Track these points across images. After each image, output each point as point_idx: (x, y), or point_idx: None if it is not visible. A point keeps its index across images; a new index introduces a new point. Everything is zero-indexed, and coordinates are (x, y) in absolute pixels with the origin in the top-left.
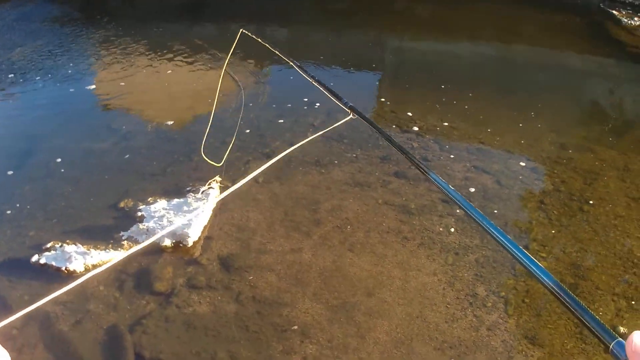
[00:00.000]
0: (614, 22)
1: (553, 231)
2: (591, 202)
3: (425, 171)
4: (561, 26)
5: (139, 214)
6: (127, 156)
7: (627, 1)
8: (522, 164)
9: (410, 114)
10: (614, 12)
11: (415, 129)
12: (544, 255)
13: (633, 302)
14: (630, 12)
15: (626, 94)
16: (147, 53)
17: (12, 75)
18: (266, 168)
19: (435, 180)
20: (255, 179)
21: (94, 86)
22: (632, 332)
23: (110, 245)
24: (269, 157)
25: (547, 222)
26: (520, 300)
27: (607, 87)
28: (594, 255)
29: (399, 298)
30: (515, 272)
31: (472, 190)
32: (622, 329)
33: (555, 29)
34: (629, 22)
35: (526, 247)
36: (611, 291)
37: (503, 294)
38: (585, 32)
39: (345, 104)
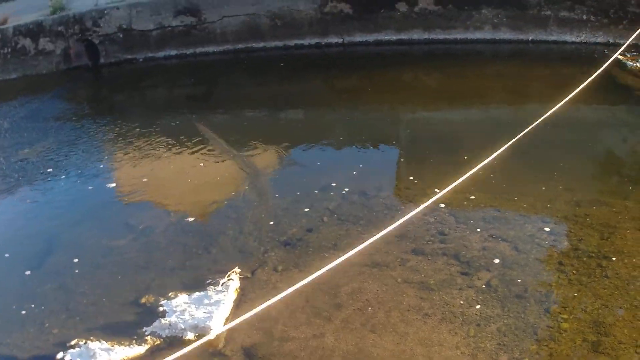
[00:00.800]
0: (620, 67)
1: (573, 291)
2: (609, 257)
3: None
4: (568, 79)
5: (161, 309)
6: (146, 252)
7: (631, 43)
8: (538, 227)
9: (425, 187)
10: (619, 56)
11: (431, 202)
12: (565, 317)
13: None
14: (635, 54)
15: (637, 139)
16: (162, 146)
17: (25, 174)
18: (285, 255)
19: None
20: (274, 266)
21: (112, 183)
22: None
23: (133, 341)
24: (287, 245)
25: (567, 283)
26: None
27: (620, 135)
28: (616, 310)
29: None
30: (538, 336)
31: (493, 260)
32: None
33: (562, 83)
34: (635, 64)
35: (547, 311)
36: (634, 344)
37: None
38: (593, 82)
39: None
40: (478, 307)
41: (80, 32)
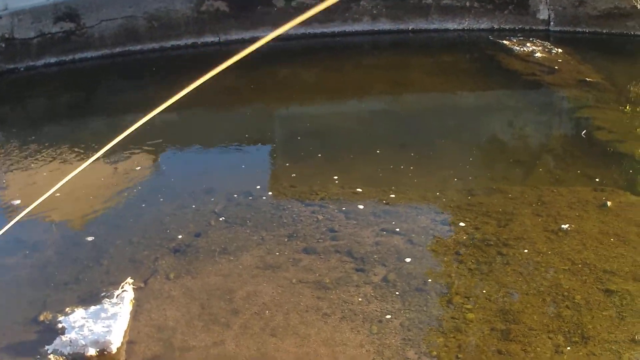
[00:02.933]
0: (506, 53)
1: (475, 280)
2: (509, 243)
3: None
4: (451, 67)
5: (60, 325)
6: (39, 267)
7: (517, 28)
8: (432, 218)
9: (310, 185)
10: (505, 42)
11: (318, 200)
12: (469, 307)
13: (569, 335)
14: (522, 38)
15: (527, 123)
16: (43, 158)
17: None
18: (176, 261)
19: None
20: (166, 274)
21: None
22: None
23: None
24: (177, 252)
25: (467, 273)
26: (453, 357)
27: (506, 120)
28: (522, 296)
29: None
30: (444, 328)
31: (388, 254)
32: None
33: (445, 71)
34: (522, 49)
35: (450, 302)
36: (546, 329)
37: (435, 353)
38: (477, 68)
39: None
40: (378, 303)
41: None
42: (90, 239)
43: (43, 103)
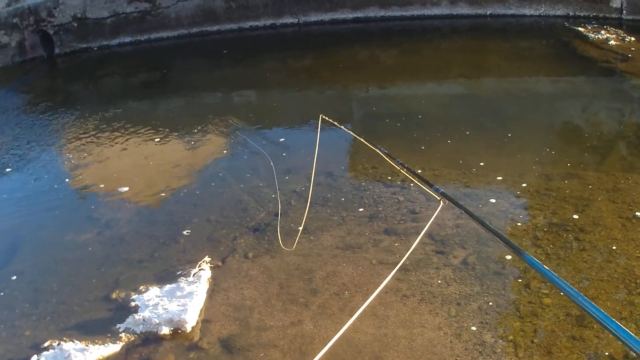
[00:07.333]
0: (581, 39)
1: (552, 265)
2: (586, 229)
3: (519, 252)
4: (528, 52)
5: (133, 303)
6: (112, 245)
7: (591, 15)
8: (510, 201)
9: (391, 167)
10: (580, 29)
11: (398, 182)
12: (546, 292)
13: None
14: (596, 26)
15: (600, 109)
16: (117, 135)
17: None
18: (255, 241)
19: (529, 261)
20: (244, 254)
21: (67, 175)
22: None
23: (108, 339)
24: (256, 231)
25: (545, 258)
26: (529, 341)
27: (581, 106)
28: (596, 282)
29: (407, 358)
30: (521, 313)
31: (468, 237)
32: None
33: (521, 56)
34: (596, 36)
35: (527, 287)
36: (618, 316)
37: (511, 337)
38: (552, 54)
39: (436, 191)
40: (457, 285)
41: (35, 23)
42: (166, 216)
43: (117, 81)
